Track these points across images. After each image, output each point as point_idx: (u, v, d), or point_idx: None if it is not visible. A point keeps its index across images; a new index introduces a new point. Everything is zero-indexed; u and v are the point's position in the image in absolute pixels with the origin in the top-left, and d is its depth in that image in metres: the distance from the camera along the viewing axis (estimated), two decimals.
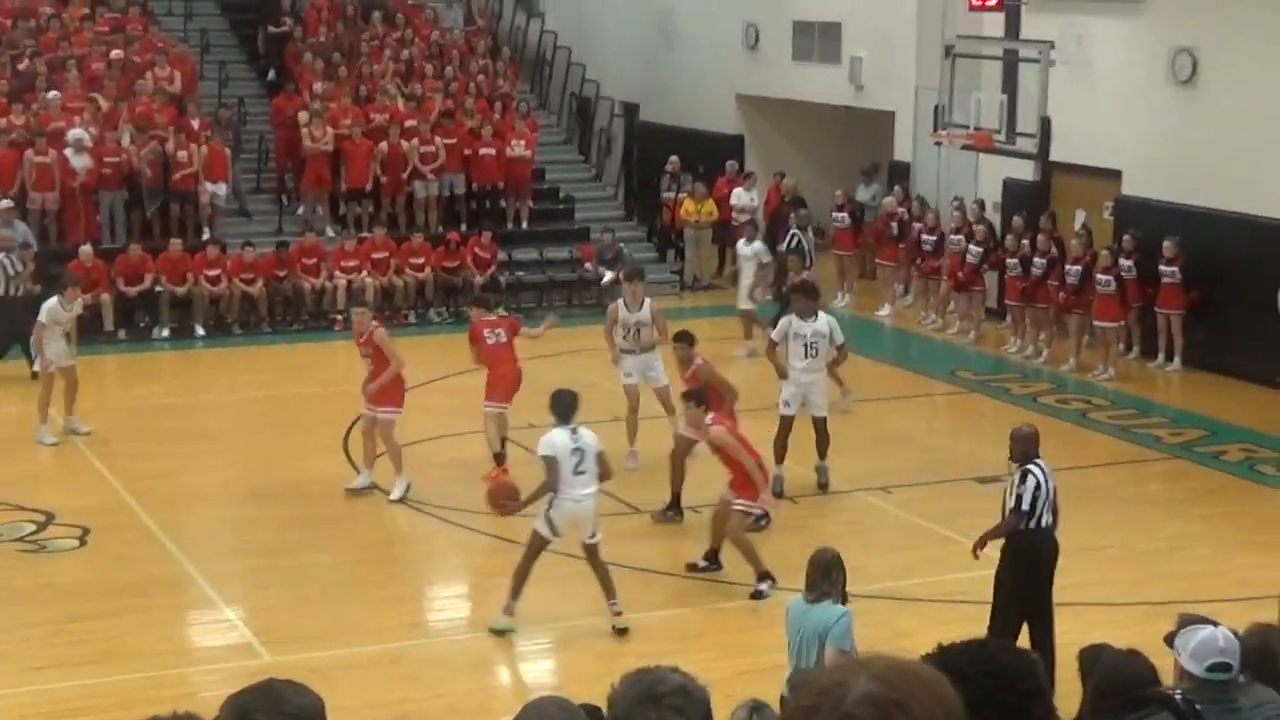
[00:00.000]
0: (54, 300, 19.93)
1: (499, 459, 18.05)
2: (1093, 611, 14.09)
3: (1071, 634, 11.46)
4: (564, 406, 14.09)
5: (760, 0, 32.60)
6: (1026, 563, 12.44)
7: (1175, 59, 23.62)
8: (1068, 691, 7.89)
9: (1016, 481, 12.53)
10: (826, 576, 10.37)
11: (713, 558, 15.40)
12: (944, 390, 22.33)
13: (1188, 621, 7.95)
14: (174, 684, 12.77)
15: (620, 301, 18.94)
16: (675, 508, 16.98)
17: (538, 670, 14.13)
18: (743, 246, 25.04)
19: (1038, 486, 12.38)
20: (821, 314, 17.92)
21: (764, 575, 14.73)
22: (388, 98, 29.33)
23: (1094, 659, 7.55)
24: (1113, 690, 6.80)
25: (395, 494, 17.57)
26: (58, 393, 19.78)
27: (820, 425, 17.75)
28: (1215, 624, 7.48)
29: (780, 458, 17.46)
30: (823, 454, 17.85)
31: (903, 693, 2.13)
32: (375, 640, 13.83)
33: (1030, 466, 12.51)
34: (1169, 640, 7.45)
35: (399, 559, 16.39)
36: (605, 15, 36.57)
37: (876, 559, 16.05)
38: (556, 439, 13.83)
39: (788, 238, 24.75)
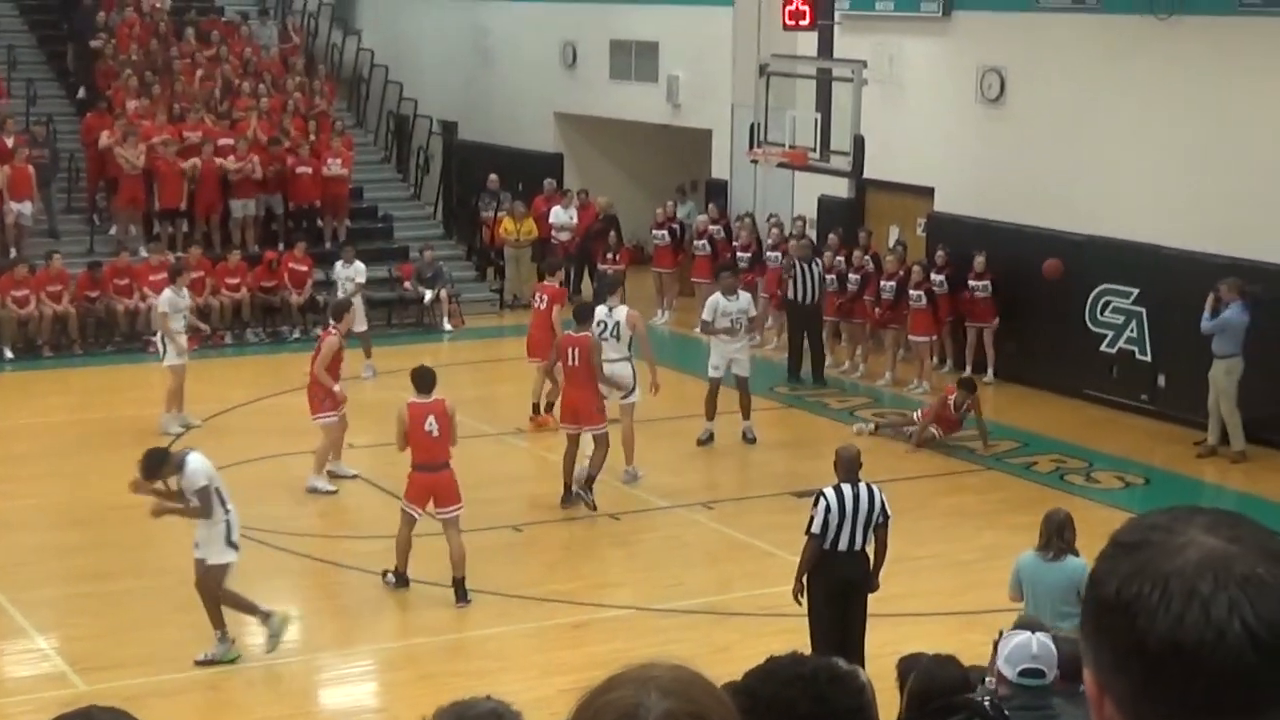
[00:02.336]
0: (168, 291, 20.64)
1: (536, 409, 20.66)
2: (910, 622, 14.31)
3: (889, 644, 11.63)
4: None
5: (578, 19, 32.72)
6: (825, 585, 12.42)
7: (983, 78, 24.11)
8: (886, 702, 8.03)
9: (811, 504, 12.60)
10: (1060, 534, 11.44)
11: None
12: (763, 406, 22.50)
13: (1021, 625, 8.12)
14: None
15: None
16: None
17: (359, 693, 14.04)
18: (341, 269, 24.45)
19: (827, 509, 12.33)
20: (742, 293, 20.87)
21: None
22: (200, 116, 28.96)
23: (911, 668, 7.67)
24: (925, 696, 6.92)
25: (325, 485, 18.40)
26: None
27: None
28: (1035, 630, 7.64)
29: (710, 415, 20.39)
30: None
31: (700, 705, 2.13)
32: (193, 666, 13.62)
33: (827, 490, 12.49)
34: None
35: None
36: (422, 33, 36.45)
37: (697, 573, 16.19)
38: (202, 466, 13.55)
39: (790, 270, 24.09)
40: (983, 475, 19.75)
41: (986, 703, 6.50)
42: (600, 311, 18.79)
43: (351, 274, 24.14)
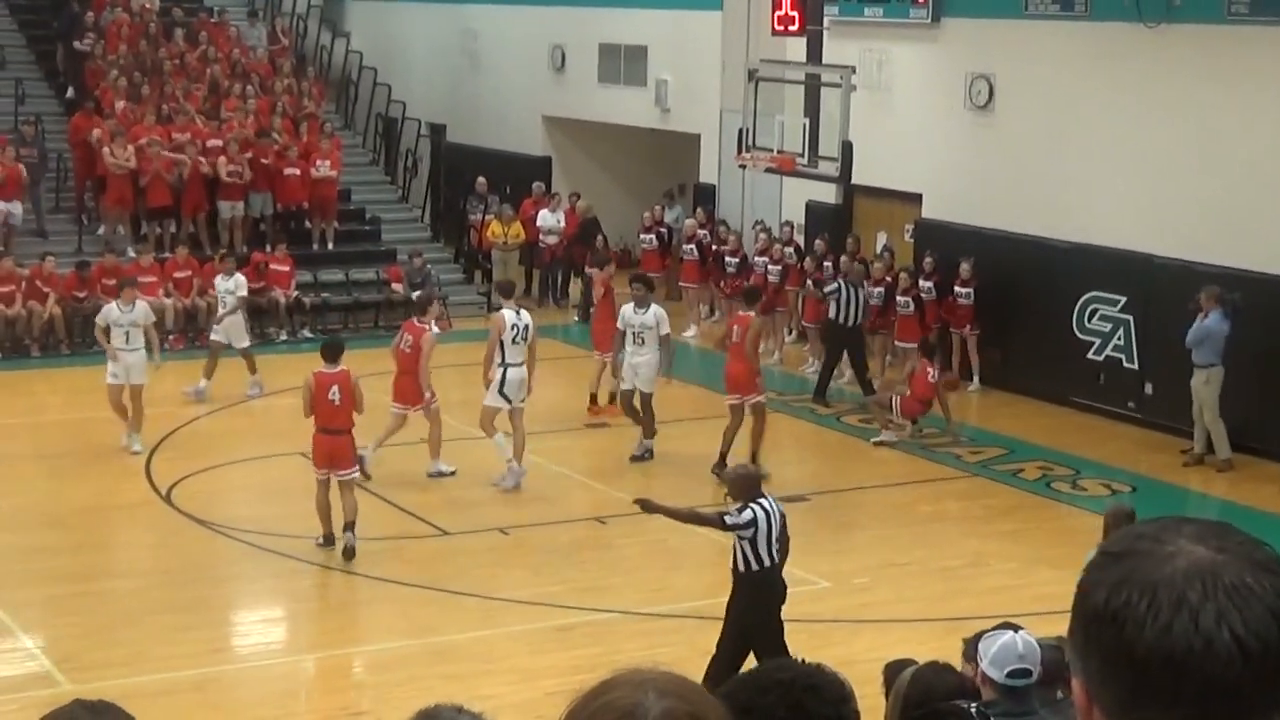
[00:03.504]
0: (109, 305, 20.44)
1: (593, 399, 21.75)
2: (895, 628, 14.33)
3: (875, 650, 11.65)
4: None
5: (566, 22, 32.73)
6: (764, 602, 12.26)
7: (972, 84, 24.14)
8: (871, 707, 8.04)
9: (735, 510, 12.27)
10: (1116, 528, 11.23)
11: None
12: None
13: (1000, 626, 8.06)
14: None
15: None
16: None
17: (345, 694, 14.02)
18: (221, 281, 23.26)
19: (755, 524, 12.10)
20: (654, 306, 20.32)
21: None
22: (189, 117, 28.94)
23: (897, 673, 7.67)
24: (918, 701, 6.93)
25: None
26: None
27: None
28: (1016, 629, 7.63)
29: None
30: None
31: (697, 705, 2.17)
32: (179, 667, 13.61)
33: (754, 505, 12.19)
34: (968, 649, 7.59)
35: (202, 583, 16.10)
36: (411, 35, 36.46)
37: (682, 578, 16.18)
38: None
39: (829, 291, 23.54)
40: (968, 482, 19.74)
41: (973, 709, 6.50)
42: (509, 316, 18.91)
43: (231, 287, 23.02)
